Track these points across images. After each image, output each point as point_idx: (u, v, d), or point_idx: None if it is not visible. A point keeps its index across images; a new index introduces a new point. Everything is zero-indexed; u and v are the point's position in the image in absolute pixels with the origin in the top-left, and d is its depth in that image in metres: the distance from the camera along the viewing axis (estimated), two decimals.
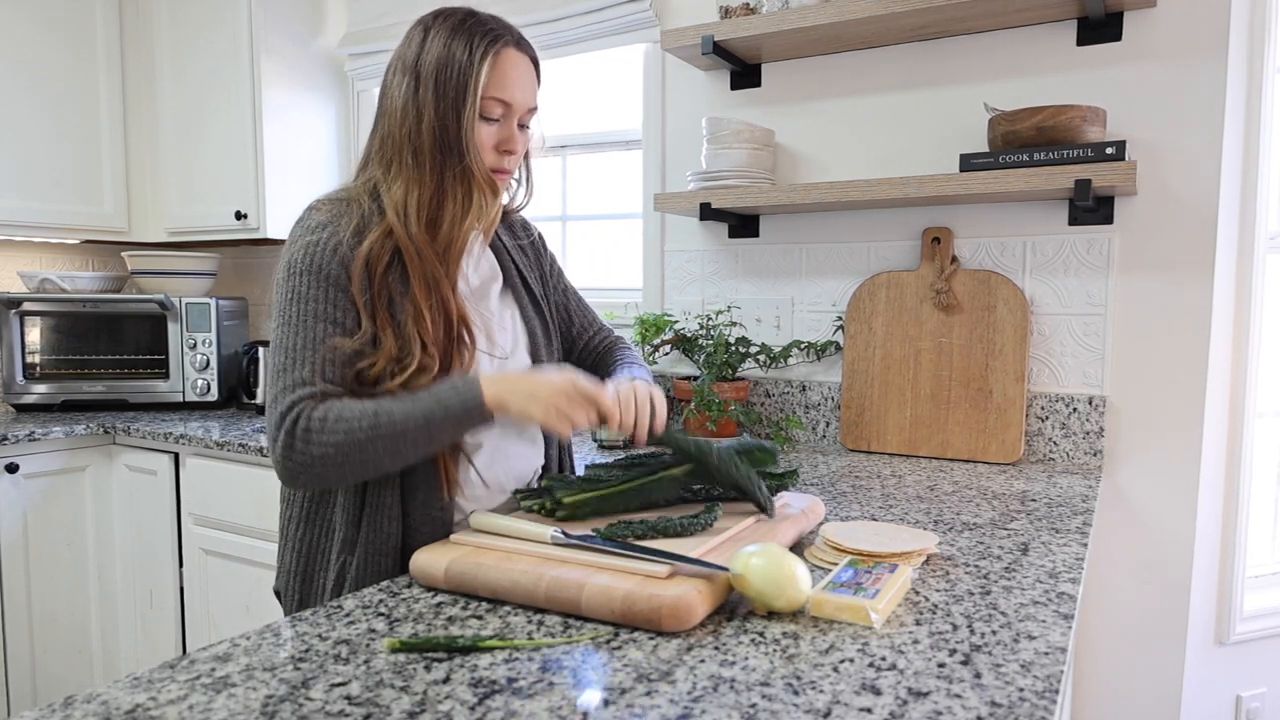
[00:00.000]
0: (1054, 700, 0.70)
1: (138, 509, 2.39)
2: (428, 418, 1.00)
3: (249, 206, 2.56)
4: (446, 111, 1.06)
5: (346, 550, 1.09)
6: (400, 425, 0.99)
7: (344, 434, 0.99)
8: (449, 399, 1.01)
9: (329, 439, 0.99)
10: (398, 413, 1.00)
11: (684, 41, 1.91)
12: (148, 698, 0.70)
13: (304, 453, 1.00)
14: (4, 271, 2.80)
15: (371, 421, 0.99)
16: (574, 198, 2.51)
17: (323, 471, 1.00)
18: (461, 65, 1.06)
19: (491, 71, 1.07)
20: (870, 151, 1.94)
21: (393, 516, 1.09)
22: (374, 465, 1.00)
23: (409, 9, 2.59)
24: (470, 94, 1.06)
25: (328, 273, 1.05)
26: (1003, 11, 1.69)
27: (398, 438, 0.99)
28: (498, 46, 1.07)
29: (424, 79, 1.06)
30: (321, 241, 1.06)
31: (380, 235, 1.07)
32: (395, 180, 1.09)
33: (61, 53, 2.59)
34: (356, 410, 1.00)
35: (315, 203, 1.11)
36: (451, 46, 1.06)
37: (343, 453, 0.99)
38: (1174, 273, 1.66)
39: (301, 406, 1.00)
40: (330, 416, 0.99)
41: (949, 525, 1.25)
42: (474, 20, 1.08)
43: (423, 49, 1.08)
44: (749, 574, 0.85)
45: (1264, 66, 1.62)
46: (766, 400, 2.08)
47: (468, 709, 0.68)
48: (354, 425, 0.99)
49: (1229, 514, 1.72)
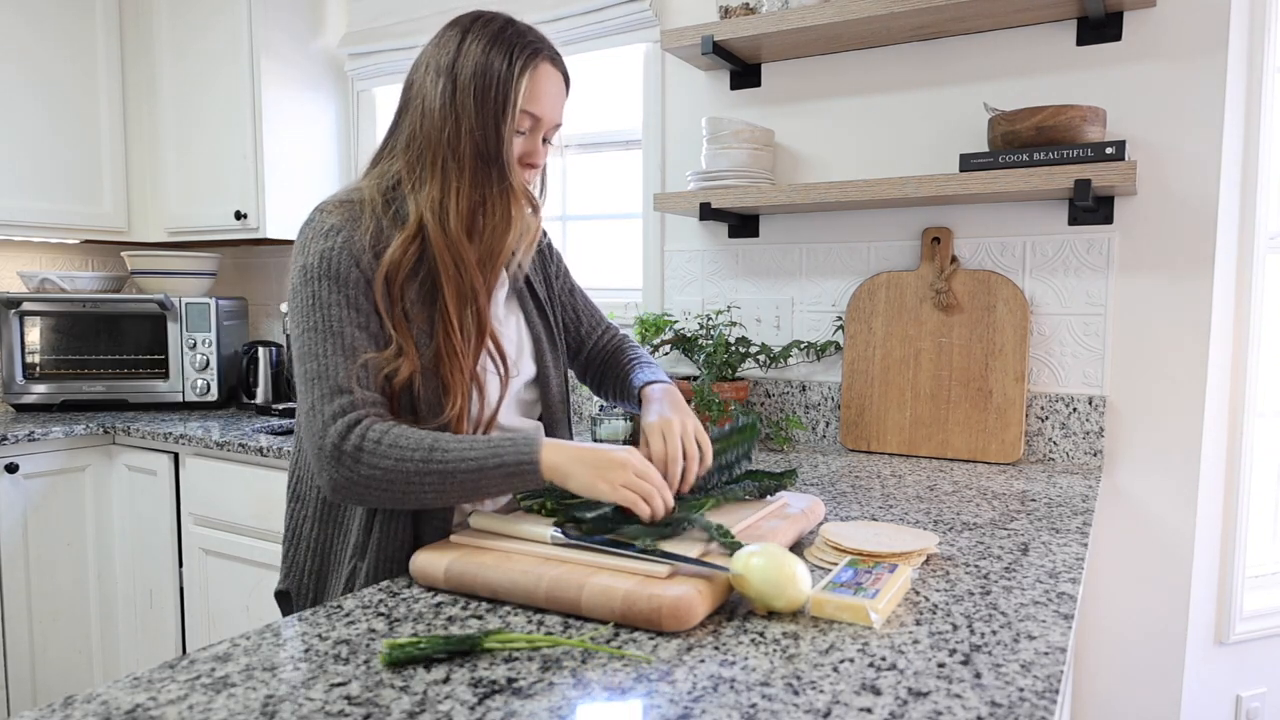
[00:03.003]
0: (1054, 700, 0.70)
1: (138, 509, 2.39)
2: (481, 465, 0.98)
3: (249, 206, 2.56)
4: (486, 121, 1.04)
5: (358, 555, 1.09)
6: (452, 466, 0.97)
7: (395, 460, 0.97)
8: (507, 453, 0.98)
9: (380, 462, 0.97)
10: (453, 453, 0.98)
11: (684, 41, 1.91)
12: (148, 698, 0.70)
13: (353, 470, 0.98)
14: (4, 271, 2.80)
15: (425, 456, 0.97)
16: (574, 198, 2.51)
17: (365, 493, 0.99)
18: (501, 76, 1.04)
19: (532, 85, 1.06)
20: (870, 151, 1.94)
21: (404, 523, 1.09)
22: (416, 498, 0.99)
23: (409, 9, 2.59)
24: (511, 107, 1.04)
25: (347, 278, 1.03)
26: (1003, 11, 1.69)
27: (447, 477, 0.98)
28: (537, 60, 1.07)
29: (462, 84, 1.05)
30: (337, 247, 1.04)
31: (407, 239, 1.04)
32: (429, 182, 1.06)
33: (61, 52, 2.59)
34: (414, 440, 0.98)
35: (324, 204, 1.09)
36: (491, 55, 1.04)
37: (390, 478, 0.97)
38: (1174, 273, 1.66)
39: (352, 419, 0.99)
40: (386, 440, 0.98)
41: (949, 525, 1.25)
42: (514, 30, 1.07)
43: (459, 53, 1.05)
44: (749, 574, 0.85)
45: (1264, 66, 1.62)
46: (766, 400, 2.07)
47: (468, 709, 0.68)
48: (407, 455, 0.97)
49: (1229, 514, 1.72)
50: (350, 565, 1.10)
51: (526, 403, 1.24)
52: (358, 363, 1.01)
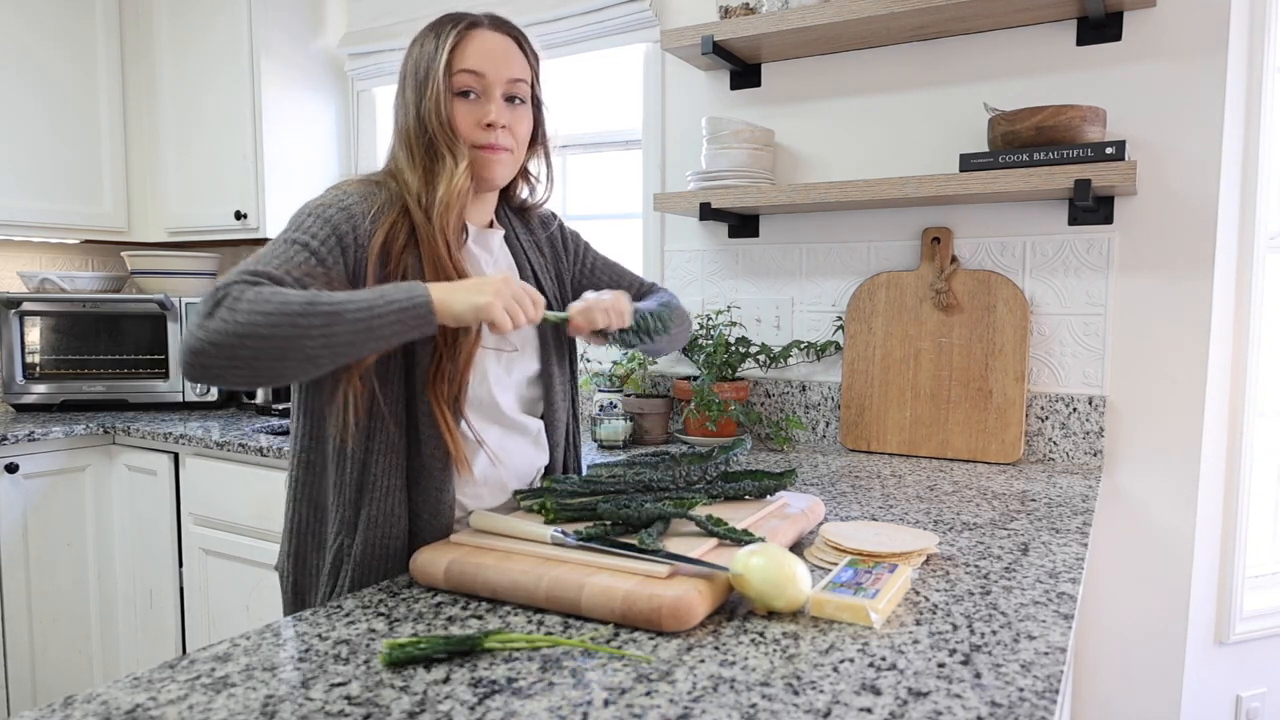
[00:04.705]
0: (1054, 700, 0.70)
1: (138, 509, 2.39)
2: (370, 304, 0.93)
3: (249, 206, 2.56)
4: (422, 99, 1.11)
5: (345, 532, 1.08)
6: (339, 306, 0.92)
7: (277, 304, 0.90)
8: (392, 292, 0.95)
9: (259, 308, 0.89)
10: (340, 298, 0.93)
11: (684, 41, 1.91)
12: (148, 698, 0.70)
13: (225, 321, 0.89)
14: (4, 271, 2.80)
15: (309, 298, 0.91)
16: (574, 198, 2.51)
17: (237, 348, 0.88)
18: (430, 53, 1.11)
19: (457, 48, 1.10)
20: (870, 151, 1.94)
21: (398, 500, 1.08)
22: (299, 348, 0.90)
23: (409, 9, 2.59)
24: (433, 72, 1.10)
25: (333, 221, 1.04)
26: (1003, 11, 1.69)
27: (334, 317, 0.91)
28: (462, 26, 1.11)
29: (406, 79, 1.14)
30: (337, 200, 1.07)
31: (400, 215, 1.09)
32: (406, 170, 1.12)
33: (61, 52, 2.59)
34: (295, 291, 0.93)
35: (343, 181, 1.13)
36: (425, 43, 1.13)
37: (271, 323, 0.89)
38: (1174, 272, 1.66)
39: (235, 287, 0.92)
40: (265, 293, 0.91)
41: (949, 525, 1.25)
42: (447, 15, 1.14)
43: (408, 56, 1.15)
44: (749, 574, 0.85)
45: (1264, 66, 1.62)
46: (766, 400, 2.08)
47: (468, 709, 0.68)
48: (289, 298, 0.91)
49: (1229, 514, 1.71)
50: (336, 544, 1.09)
51: (530, 399, 1.24)
52: (285, 267, 0.98)
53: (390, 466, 1.08)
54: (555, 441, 1.26)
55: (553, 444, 1.26)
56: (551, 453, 1.26)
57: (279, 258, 0.99)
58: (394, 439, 1.08)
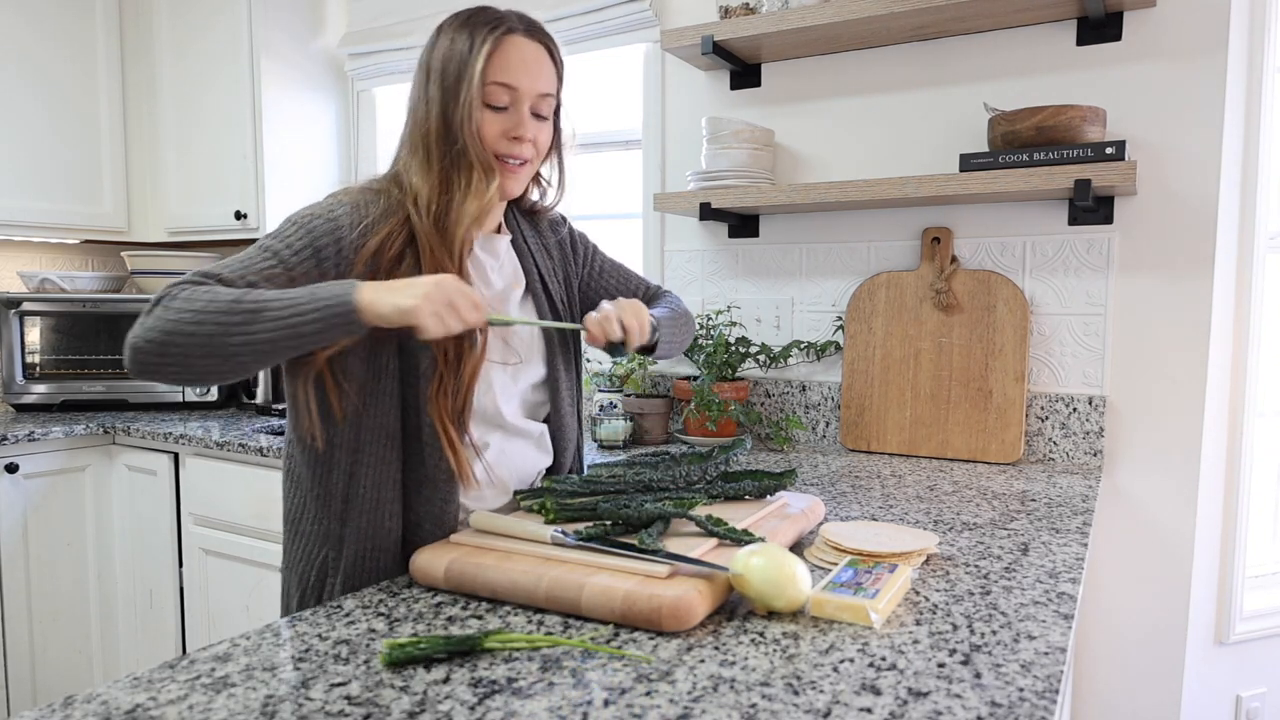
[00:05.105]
0: (1054, 700, 0.70)
1: (138, 509, 2.39)
2: (295, 301, 0.92)
3: (249, 206, 2.56)
4: (448, 101, 1.07)
5: (331, 545, 1.08)
6: (262, 304, 0.91)
7: (205, 302, 0.91)
8: (322, 290, 0.93)
9: (189, 306, 0.91)
10: (267, 295, 0.93)
11: (684, 41, 1.91)
12: (148, 698, 0.70)
13: (159, 319, 0.91)
14: (4, 271, 2.80)
15: (236, 295, 0.92)
16: (574, 197, 2.50)
17: (167, 345, 0.90)
18: (463, 54, 1.06)
19: (493, 57, 1.06)
20: (870, 151, 1.94)
21: (389, 513, 1.07)
22: (222, 345, 0.90)
23: (409, 9, 2.59)
24: (466, 80, 1.06)
25: (314, 232, 1.02)
26: (1003, 11, 1.69)
27: (254, 315, 0.90)
28: (499, 33, 1.07)
29: (432, 74, 1.08)
30: (327, 210, 1.04)
31: (397, 224, 1.06)
32: (413, 172, 1.09)
33: (61, 52, 2.59)
34: (228, 290, 0.94)
35: (342, 190, 1.10)
36: (456, 39, 1.07)
37: (197, 320, 0.90)
38: (1174, 272, 1.66)
39: (177, 287, 0.94)
40: (200, 292, 0.93)
41: (949, 525, 1.25)
42: (480, 12, 1.09)
43: (434, 46, 1.10)
44: (749, 574, 0.85)
45: (1264, 66, 1.62)
46: (766, 400, 2.08)
47: (468, 709, 0.68)
48: (218, 296, 0.92)
49: (1229, 514, 1.71)
50: (321, 556, 1.08)
51: (534, 404, 1.23)
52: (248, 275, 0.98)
53: (381, 479, 1.07)
54: (563, 446, 1.25)
55: (561, 448, 1.25)
56: (559, 457, 1.25)
57: (243, 262, 0.99)
58: (384, 453, 1.07)
